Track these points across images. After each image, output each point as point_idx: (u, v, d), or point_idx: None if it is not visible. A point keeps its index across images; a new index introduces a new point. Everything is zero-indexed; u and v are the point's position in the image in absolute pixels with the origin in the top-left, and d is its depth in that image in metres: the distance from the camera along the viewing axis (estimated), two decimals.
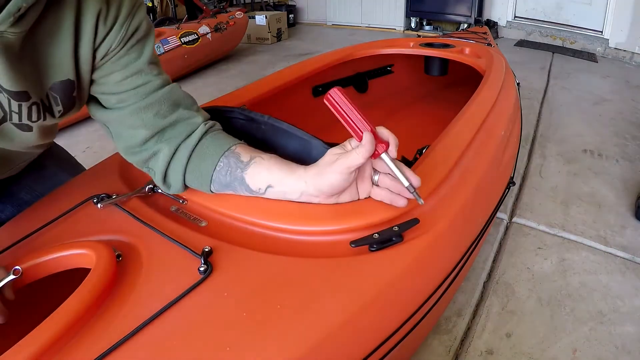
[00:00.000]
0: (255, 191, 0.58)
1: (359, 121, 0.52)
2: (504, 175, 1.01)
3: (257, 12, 4.40)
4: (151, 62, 0.60)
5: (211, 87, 2.93)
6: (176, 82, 0.63)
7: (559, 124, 2.13)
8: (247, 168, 0.58)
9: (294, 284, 0.49)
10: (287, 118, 0.70)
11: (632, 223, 1.33)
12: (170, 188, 0.63)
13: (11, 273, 0.47)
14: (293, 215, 0.57)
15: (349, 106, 0.52)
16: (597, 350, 0.90)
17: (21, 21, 0.47)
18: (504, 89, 1.12)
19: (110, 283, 0.49)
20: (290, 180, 0.56)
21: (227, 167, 0.58)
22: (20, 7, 0.45)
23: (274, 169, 0.57)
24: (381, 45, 1.59)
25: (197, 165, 0.60)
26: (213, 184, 0.60)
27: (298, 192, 0.57)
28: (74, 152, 0.94)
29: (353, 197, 0.57)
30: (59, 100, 0.56)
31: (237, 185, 0.59)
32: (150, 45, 0.60)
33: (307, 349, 0.42)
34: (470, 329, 0.97)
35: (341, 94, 0.52)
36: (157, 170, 0.61)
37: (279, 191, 0.58)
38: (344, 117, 0.52)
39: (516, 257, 1.19)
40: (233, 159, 0.59)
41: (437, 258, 0.61)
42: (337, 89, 0.52)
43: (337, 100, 0.52)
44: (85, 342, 0.43)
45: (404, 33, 4.61)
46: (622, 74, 3.03)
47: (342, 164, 0.51)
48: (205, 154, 0.60)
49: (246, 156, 0.59)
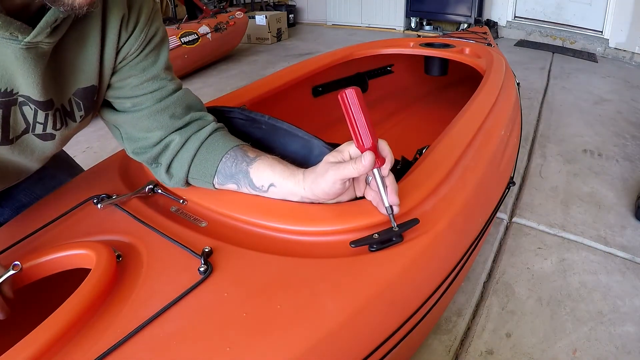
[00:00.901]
0: (258, 187, 0.59)
1: (364, 130, 0.51)
2: (504, 175, 1.01)
3: (257, 12, 4.40)
4: (166, 68, 0.62)
5: (211, 87, 2.93)
6: (187, 87, 0.66)
7: (559, 124, 2.13)
8: (253, 163, 0.59)
9: (294, 284, 0.49)
10: (287, 118, 0.70)
11: (632, 223, 1.33)
12: (172, 179, 0.63)
13: (10, 268, 0.47)
14: (293, 215, 0.57)
15: (359, 111, 0.51)
16: (597, 350, 0.90)
17: (56, 31, 0.48)
18: (504, 89, 1.12)
19: (110, 283, 0.49)
20: (290, 183, 0.57)
21: (233, 158, 0.60)
22: (57, 17, 0.46)
23: (276, 168, 0.58)
24: (381, 45, 1.59)
25: (204, 157, 0.61)
26: (217, 176, 0.61)
27: (298, 195, 0.58)
28: (73, 152, 0.94)
29: (351, 196, 0.59)
30: (81, 106, 0.58)
31: (242, 178, 0.59)
32: (166, 51, 0.62)
33: (307, 349, 0.42)
34: (470, 329, 0.97)
35: (356, 96, 0.50)
36: (164, 161, 0.62)
37: (281, 192, 0.58)
38: (351, 121, 0.51)
39: (516, 257, 1.19)
40: (240, 152, 0.60)
41: (437, 258, 0.61)
42: (353, 90, 0.51)
43: (350, 101, 0.51)
44: (85, 342, 0.43)
45: (404, 33, 4.61)
46: (622, 74, 3.03)
47: (336, 175, 0.52)
48: (214, 146, 0.61)
49: (252, 153, 0.61)
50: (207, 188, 0.63)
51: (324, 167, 0.53)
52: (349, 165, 0.51)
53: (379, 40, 1.68)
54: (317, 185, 0.54)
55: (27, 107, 0.52)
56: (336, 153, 0.54)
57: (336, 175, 0.52)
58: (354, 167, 0.51)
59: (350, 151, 0.53)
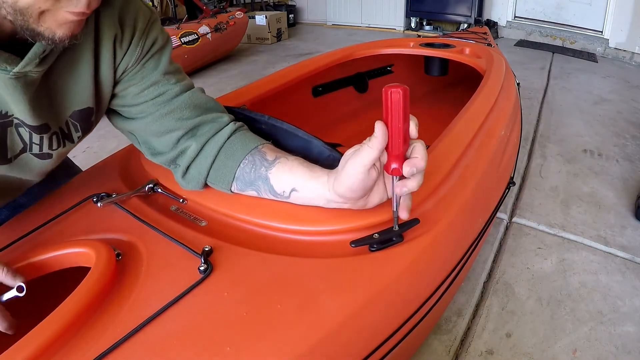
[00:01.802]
0: (279, 194, 0.57)
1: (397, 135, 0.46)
2: (504, 175, 1.01)
3: (257, 12, 4.40)
4: (167, 72, 0.60)
5: (211, 87, 2.93)
6: (199, 87, 0.64)
7: (559, 124, 2.13)
8: (272, 167, 0.57)
9: (294, 284, 0.49)
10: (287, 118, 0.70)
11: (632, 223, 1.33)
12: (190, 184, 0.63)
13: (15, 289, 0.46)
14: (293, 215, 0.57)
15: (400, 113, 0.46)
16: (597, 350, 0.90)
17: (45, 60, 0.48)
18: (504, 89, 1.12)
19: (110, 282, 0.49)
20: (313, 185, 0.54)
21: (251, 164, 0.58)
22: (45, 48, 0.46)
23: (296, 171, 0.55)
24: (381, 45, 1.59)
25: (223, 162, 0.60)
26: (236, 182, 0.60)
27: (323, 199, 0.54)
28: (73, 153, 0.93)
29: (382, 197, 0.53)
30: (78, 127, 0.58)
31: (261, 184, 0.58)
32: (167, 55, 0.61)
33: (307, 349, 0.42)
34: (470, 329, 0.97)
35: (402, 97, 0.45)
36: (182, 165, 0.61)
37: (304, 196, 0.55)
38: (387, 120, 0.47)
39: (516, 257, 1.19)
40: (258, 156, 0.59)
41: (437, 258, 0.61)
42: (403, 91, 0.45)
43: (394, 102, 0.45)
44: (85, 341, 0.43)
45: (404, 33, 4.61)
46: (622, 74, 3.03)
47: (355, 162, 0.47)
48: (233, 150, 0.60)
49: (272, 155, 0.58)
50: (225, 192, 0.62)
51: (342, 161, 0.49)
52: (364, 147, 0.46)
53: (379, 40, 1.68)
54: (339, 183, 0.49)
55: (22, 129, 0.52)
56: (352, 149, 0.50)
57: (355, 163, 0.47)
58: (370, 144, 0.46)
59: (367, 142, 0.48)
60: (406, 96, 0.45)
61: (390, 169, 0.48)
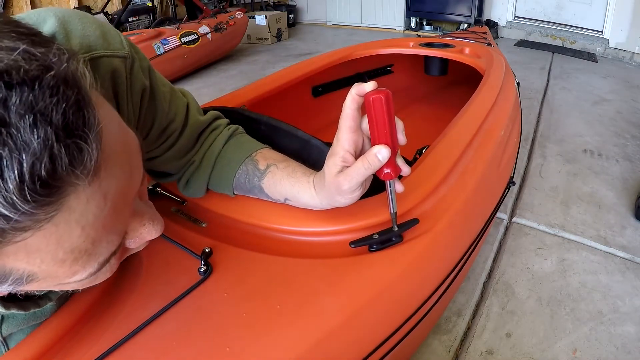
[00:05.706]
0: (277, 200, 0.58)
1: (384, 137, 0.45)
2: (504, 175, 1.01)
3: (257, 12, 4.40)
4: (165, 122, 0.55)
5: (211, 87, 2.93)
6: (189, 98, 0.60)
7: (559, 124, 2.13)
8: (264, 177, 0.57)
9: (293, 285, 0.49)
10: (287, 118, 0.70)
11: (632, 223, 1.33)
12: (192, 194, 0.63)
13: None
14: (292, 215, 0.57)
15: (385, 118, 0.44)
16: (597, 350, 0.90)
17: None
18: (504, 89, 1.12)
19: (110, 283, 0.49)
20: (304, 198, 0.54)
21: (245, 174, 0.58)
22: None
23: (285, 183, 0.55)
24: (381, 45, 1.59)
25: (219, 172, 0.60)
26: (235, 190, 0.60)
27: (314, 206, 0.54)
28: None
29: (364, 190, 0.51)
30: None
31: (257, 193, 0.59)
32: (160, 102, 0.53)
33: (306, 349, 0.42)
34: (470, 329, 0.97)
35: (385, 102, 0.43)
36: (183, 179, 0.62)
37: (297, 204, 0.56)
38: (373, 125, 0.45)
39: (516, 257, 1.19)
40: (251, 166, 0.58)
41: (437, 258, 0.61)
42: (385, 96, 0.43)
43: (377, 108, 0.44)
44: (85, 342, 0.43)
45: (404, 33, 4.61)
46: (622, 74, 3.03)
47: (351, 185, 0.46)
48: (228, 160, 0.60)
49: (263, 164, 0.58)
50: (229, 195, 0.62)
51: (333, 183, 0.47)
52: (359, 166, 0.45)
53: (378, 40, 1.68)
54: (336, 202, 0.50)
55: None
56: (334, 159, 0.46)
57: (352, 187, 0.46)
58: (366, 166, 0.44)
59: (345, 147, 0.46)
60: (389, 100, 0.43)
61: (382, 174, 0.47)
